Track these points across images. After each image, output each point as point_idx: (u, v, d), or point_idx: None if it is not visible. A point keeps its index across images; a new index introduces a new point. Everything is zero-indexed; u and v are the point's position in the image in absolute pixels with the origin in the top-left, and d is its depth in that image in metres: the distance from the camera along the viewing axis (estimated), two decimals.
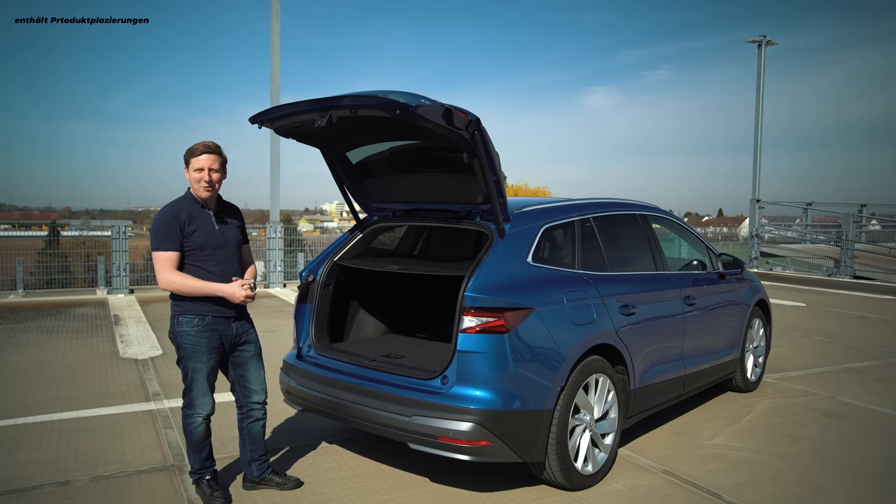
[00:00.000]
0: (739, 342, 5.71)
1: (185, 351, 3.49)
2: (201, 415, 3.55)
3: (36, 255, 15.97)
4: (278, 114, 3.74)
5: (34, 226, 53.13)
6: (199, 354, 3.49)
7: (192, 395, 3.54)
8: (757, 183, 18.94)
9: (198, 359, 3.49)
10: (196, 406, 3.54)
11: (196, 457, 3.62)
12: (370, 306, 4.77)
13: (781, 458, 4.45)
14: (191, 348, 3.48)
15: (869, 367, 7.14)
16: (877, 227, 22.25)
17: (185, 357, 3.50)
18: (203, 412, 3.55)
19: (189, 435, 3.58)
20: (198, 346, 3.48)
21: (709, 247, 5.58)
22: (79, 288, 13.37)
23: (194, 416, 3.55)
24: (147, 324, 9.10)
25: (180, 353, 3.53)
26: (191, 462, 3.66)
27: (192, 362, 3.50)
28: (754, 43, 18.81)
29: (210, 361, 3.53)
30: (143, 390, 5.86)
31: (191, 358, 3.49)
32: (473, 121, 3.36)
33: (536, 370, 3.57)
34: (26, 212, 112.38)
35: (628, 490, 3.90)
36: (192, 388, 3.53)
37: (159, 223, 3.42)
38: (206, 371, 3.53)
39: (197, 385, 3.52)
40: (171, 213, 3.44)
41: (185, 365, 3.52)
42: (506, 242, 3.75)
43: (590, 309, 3.92)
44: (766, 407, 5.61)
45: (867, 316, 10.80)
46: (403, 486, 3.90)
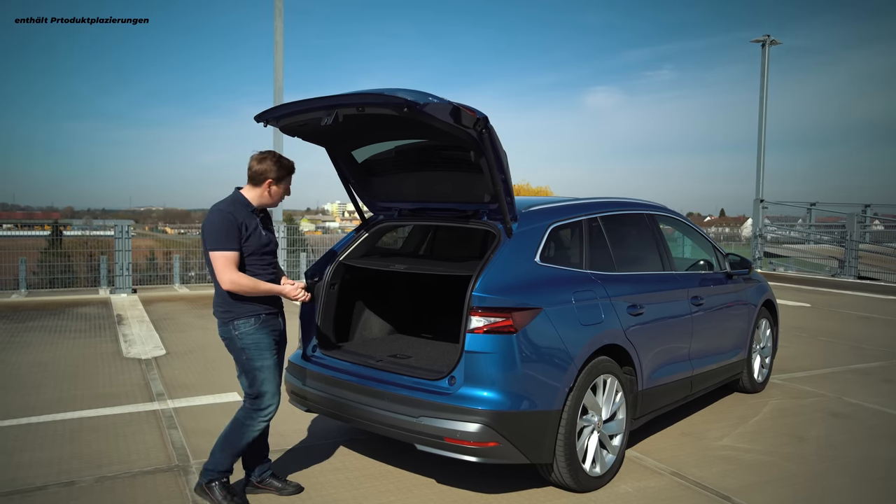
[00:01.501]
0: (747, 343, 5.68)
1: (249, 352, 3.45)
2: (268, 418, 3.52)
3: (39, 255, 15.98)
4: (284, 112, 3.71)
5: (37, 225, 53.19)
6: (264, 350, 3.47)
7: (266, 397, 3.48)
8: (761, 183, 18.89)
9: (263, 355, 3.47)
10: (270, 406, 3.50)
11: (230, 458, 3.52)
12: (375, 306, 4.74)
13: (790, 459, 4.41)
14: (254, 346, 3.45)
15: (875, 368, 7.10)
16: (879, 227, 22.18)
17: (250, 358, 3.45)
18: (270, 414, 3.52)
19: (241, 435, 3.49)
20: (261, 342, 3.47)
21: (715, 247, 5.55)
22: (81, 287, 13.35)
23: (260, 418, 3.49)
24: (150, 323, 9.07)
25: (243, 357, 3.46)
26: (220, 460, 3.51)
27: (260, 360, 3.46)
28: (758, 42, 18.75)
29: (274, 356, 3.53)
30: (146, 390, 5.83)
31: (257, 357, 3.46)
32: (481, 119, 3.33)
33: (545, 371, 3.54)
34: (28, 211, 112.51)
35: (636, 492, 3.87)
36: (264, 387, 3.47)
37: (219, 222, 3.35)
38: (274, 367, 3.51)
39: (268, 383, 3.48)
40: (230, 214, 3.38)
41: (251, 367, 3.46)
42: (513, 242, 3.71)
43: (598, 309, 3.89)
44: (773, 408, 5.58)
45: (872, 316, 10.76)
46: (409, 488, 3.87)
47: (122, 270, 11.95)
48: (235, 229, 3.36)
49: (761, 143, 18.93)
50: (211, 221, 3.39)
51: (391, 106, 3.20)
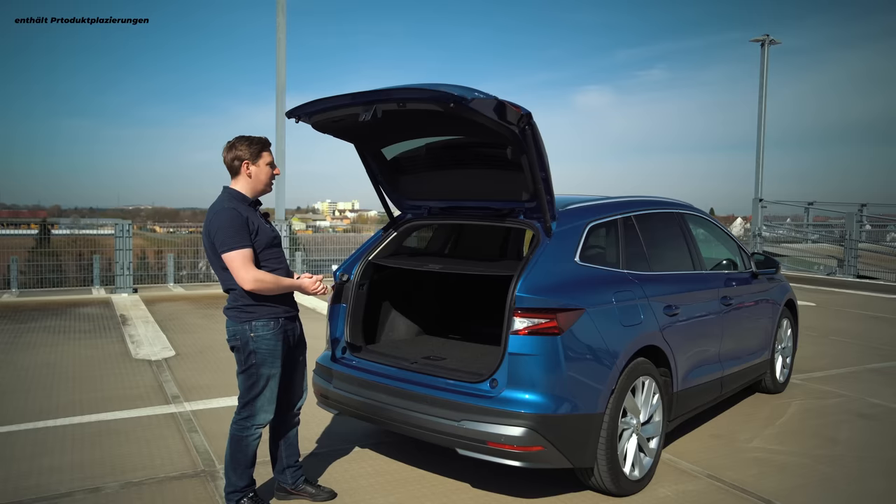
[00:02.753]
0: (771, 342, 5.63)
1: (261, 357, 3.31)
2: (262, 426, 3.40)
3: (27, 254, 15.71)
4: (318, 108, 3.61)
5: (23, 224, 52.57)
6: (275, 359, 3.35)
7: (258, 404, 3.35)
8: (759, 182, 18.92)
9: (274, 363, 3.35)
10: (259, 416, 3.37)
11: (245, 473, 3.42)
12: (402, 306, 4.65)
13: (824, 461, 4.36)
14: (268, 353, 3.32)
15: (892, 368, 7.08)
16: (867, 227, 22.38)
17: (258, 364, 3.32)
18: (265, 422, 3.40)
19: (244, 449, 3.37)
20: (275, 350, 3.34)
21: (740, 245, 5.49)
22: (72, 287, 13.12)
23: (255, 427, 3.37)
24: (156, 324, 8.93)
25: (252, 361, 3.32)
26: (236, 479, 3.41)
27: (269, 368, 3.34)
28: (758, 42, 18.77)
29: (281, 367, 3.39)
30: (161, 392, 5.71)
31: (267, 363, 3.33)
32: (525, 115, 3.25)
33: (588, 373, 3.46)
34: (14, 210, 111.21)
35: (676, 496, 3.80)
36: (260, 396, 3.35)
37: (230, 221, 3.20)
38: (277, 377, 3.38)
39: (267, 393, 3.36)
40: (236, 210, 3.25)
41: (257, 373, 3.33)
42: (554, 241, 3.63)
43: (637, 309, 3.82)
44: (798, 409, 5.53)
45: (879, 315, 10.76)
46: (446, 493, 3.78)
47: (123, 270, 11.79)
48: (245, 225, 3.24)
49: (760, 142, 18.96)
50: (219, 221, 3.23)
51: (437, 101, 3.11)
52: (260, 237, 3.32)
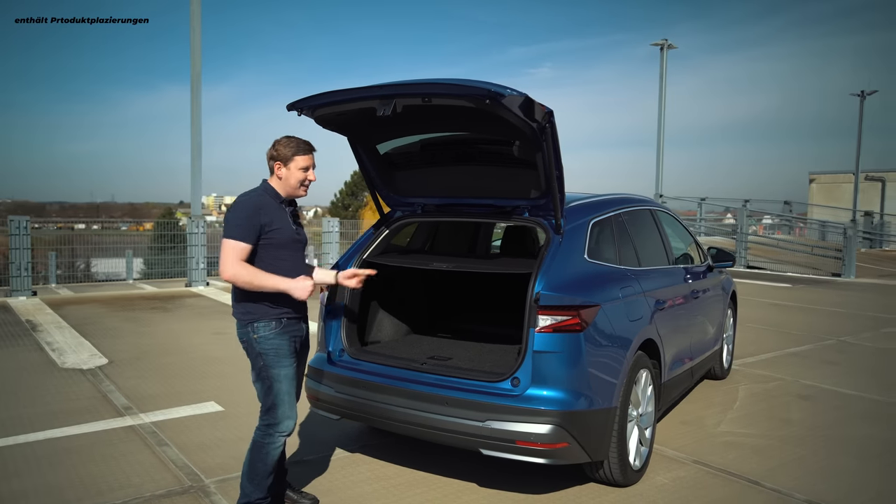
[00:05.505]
0: (722, 331, 5.97)
1: (268, 357, 3.16)
2: (285, 433, 3.22)
3: None
4: (325, 101, 3.45)
5: None
6: (283, 357, 3.19)
7: (280, 409, 3.18)
8: (660, 178, 20.03)
9: (282, 362, 3.18)
10: (283, 423, 3.20)
11: (262, 484, 3.23)
12: (391, 306, 4.54)
13: (789, 442, 4.68)
14: (274, 352, 3.16)
15: (809, 351, 7.72)
16: (731, 219, 24.30)
17: (267, 365, 3.16)
18: (287, 430, 3.22)
19: (264, 458, 3.19)
20: (281, 348, 3.18)
21: (696, 240, 5.79)
22: None
23: (278, 434, 3.19)
24: (72, 329, 8.22)
25: (260, 363, 3.17)
26: (251, 490, 3.23)
27: (278, 367, 3.17)
28: (657, 46, 19.83)
29: (294, 365, 3.24)
30: (108, 404, 5.27)
31: (275, 363, 3.17)
32: (549, 112, 3.26)
33: (605, 368, 3.53)
34: None
35: (673, 482, 3.96)
36: (279, 399, 3.18)
37: (239, 212, 3.12)
38: (291, 377, 3.22)
39: (284, 395, 3.18)
40: (254, 205, 3.13)
41: (267, 375, 3.17)
42: (566, 239, 3.67)
43: (639, 304, 3.94)
44: (746, 393, 5.91)
45: (779, 303, 11.68)
46: (456, 494, 3.74)
47: (21, 271, 10.75)
48: (257, 222, 3.12)
49: (660, 141, 20.08)
50: (233, 209, 3.19)
51: (470, 97, 3.05)
52: (275, 236, 3.18)
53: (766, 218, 28.10)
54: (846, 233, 16.47)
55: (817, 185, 35.00)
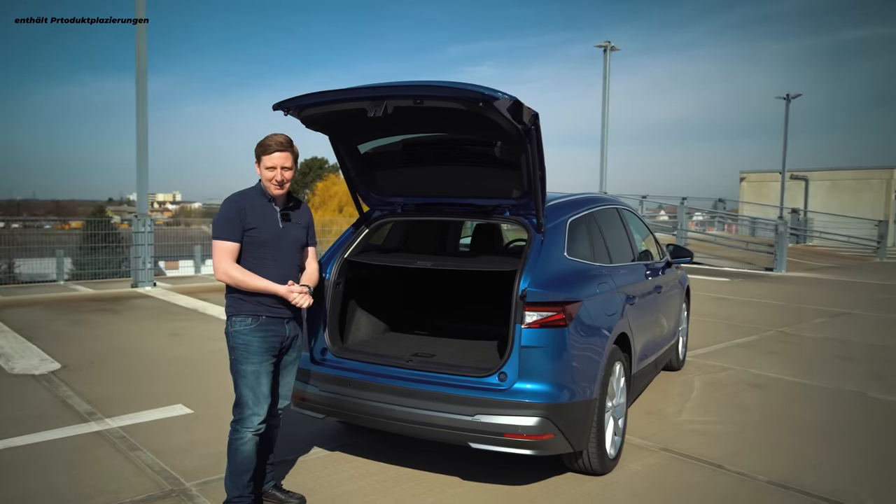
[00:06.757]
0: (679, 325, 6.24)
1: (238, 352, 3.21)
2: (250, 429, 3.22)
3: None
4: (313, 101, 3.47)
5: None
6: (251, 355, 3.21)
7: (244, 404, 3.22)
8: (604, 176, 20.58)
9: (250, 359, 3.20)
10: (246, 420, 3.21)
11: (236, 481, 3.25)
12: (370, 304, 4.56)
13: (747, 427, 4.95)
14: (242, 347, 3.20)
15: (754, 342, 8.13)
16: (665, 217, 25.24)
17: (236, 360, 3.23)
18: (251, 425, 3.23)
19: (233, 454, 3.23)
20: (250, 345, 3.20)
21: (655, 237, 6.03)
22: None
23: (242, 430, 3.22)
24: (14, 333, 7.86)
25: (231, 356, 3.24)
26: (229, 487, 3.28)
27: (245, 363, 3.20)
28: (601, 48, 20.34)
29: (263, 364, 3.25)
30: (69, 410, 5.10)
31: (243, 359, 3.20)
32: (535, 115, 3.36)
33: (586, 361, 3.67)
34: None
35: (646, 469, 4.14)
36: (242, 393, 3.22)
37: (223, 212, 3.21)
38: (258, 374, 3.22)
39: (248, 390, 3.20)
40: (235, 204, 3.19)
41: (235, 368, 3.23)
42: (547, 237, 3.79)
43: (614, 299, 4.10)
44: (702, 383, 6.19)
45: (720, 297, 12.20)
46: (441, 488, 3.81)
47: None
48: (239, 219, 3.17)
49: (604, 140, 20.61)
50: (220, 209, 3.26)
51: (463, 100, 3.12)
52: (257, 234, 3.22)
53: (698, 214, 29.22)
54: (777, 229, 17.31)
55: (747, 183, 36.58)
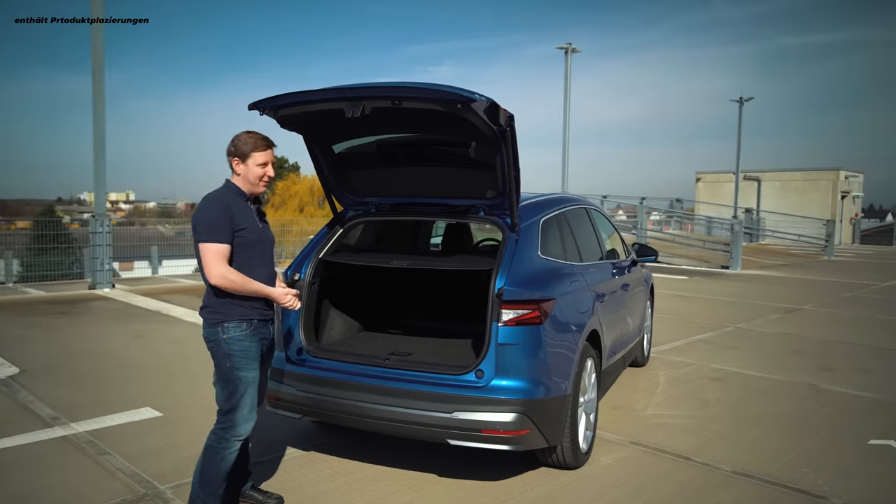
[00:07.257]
0: (644, 322, 6.39)
1: (236, 359, 3.11)
2: (243, 436, 3.19)
3: None
4: (288, 101, 3.46)
5: None
6: (251, 360, 3.16)
7: (240, 412, 3.14)
8: (566, 176, 20.83)
9: (250, 365, 3.15)
10: (240, 427, 3.16)
11: (216, 490, 3.18)
12: (344, 304, 4.57)
13: (711, 420, 5.12)
14: (242, 354, 3.13)
15: (713, 338, 8.37)
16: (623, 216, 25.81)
17: (234, 367, 3.12)
18: (246, 433, 3.19)
19: (218, 463, 3.15)
20: (250, 350, 3.15)
21: (621, 236, 6.17)
22: None
23: (234, 439, 3.15)
24: None
25: (227, 364, 3.12)
26: (206, 498, 3.17)
27: (244, 370, 3.13)
28: (562, 49, 20.60)
29: (259, 369, 3.22)
30: (32, 415, 4.97)
31: (243, 365, 3.13)
32: (510, 117, 3.42)
33: (561, 358, 3.75)
34: None
35: (617, 463, 4.25)
36: (240, 403, 3.14)
37: (211, 212, 3.06)
38: (256, 380, 3.19)
39: (247, 399, 3.15)
40: (223, 204, 3.08)
41: (234, 377, 3.13)
42: (522, 237, 3.85)
43: (586, 297, 4.19)
44: (666, 378, 6.36)
45: (679, 294, 12.51)
46: (418, 485, 3.85)
47: None
48: (228, 220, 3.10)
49: (566, 141, 20.86)
50: (202, 212, 3.12)
51: (441, 102, 3.16)
52: (246, 234, 3.16)
53: (654, 214, 29.85)
54: (733, 228, 17.81)
55: (703, 183, 37.48)
